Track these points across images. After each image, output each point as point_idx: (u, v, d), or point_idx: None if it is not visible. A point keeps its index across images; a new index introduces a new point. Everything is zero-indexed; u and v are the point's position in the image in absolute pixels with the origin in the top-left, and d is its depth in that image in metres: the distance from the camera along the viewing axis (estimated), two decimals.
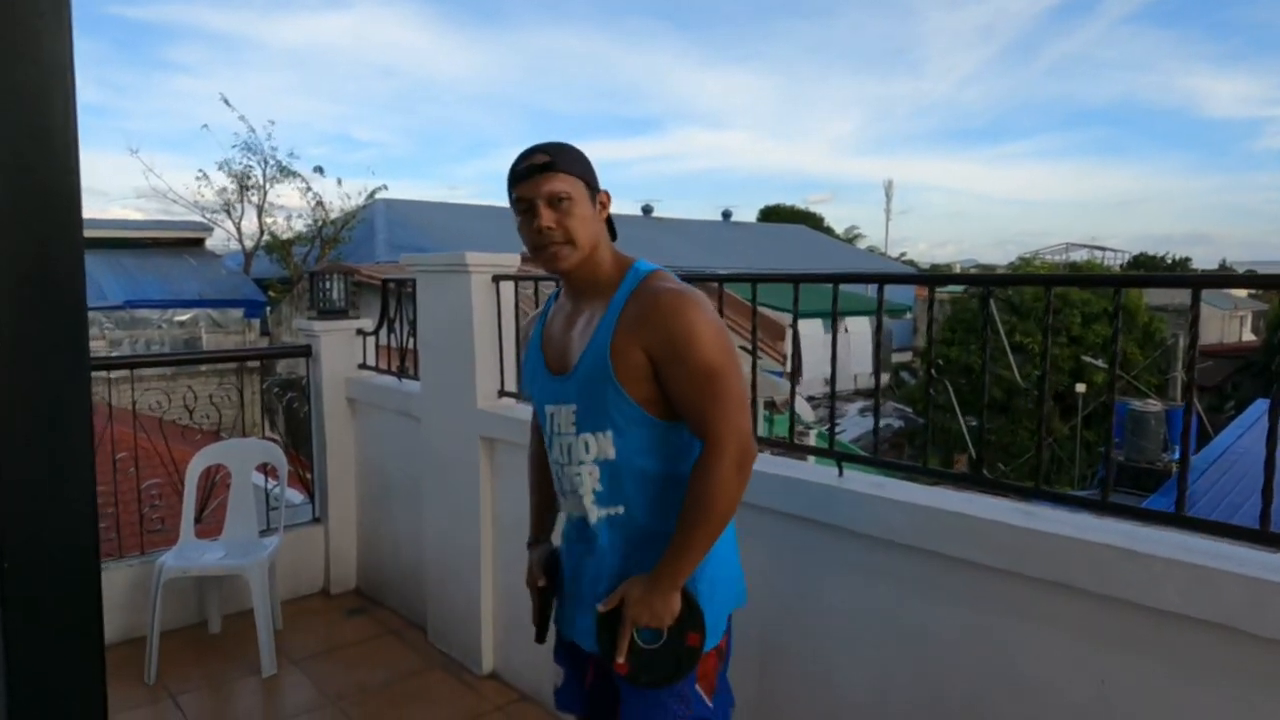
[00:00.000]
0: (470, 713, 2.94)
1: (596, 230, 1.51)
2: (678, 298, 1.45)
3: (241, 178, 16.07)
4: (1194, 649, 1.46)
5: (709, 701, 1.52)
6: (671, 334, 1.42)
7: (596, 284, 1.53)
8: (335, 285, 3.99)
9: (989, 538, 1.69)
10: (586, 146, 1.54)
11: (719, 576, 1.54)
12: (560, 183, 1.47)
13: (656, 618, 1.44)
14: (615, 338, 1.46)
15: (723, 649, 1.56)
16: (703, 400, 1.43)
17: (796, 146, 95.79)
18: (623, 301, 1.49)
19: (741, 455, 1.43)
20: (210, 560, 3.29)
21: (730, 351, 1.46)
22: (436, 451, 3.34)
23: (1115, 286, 1.63)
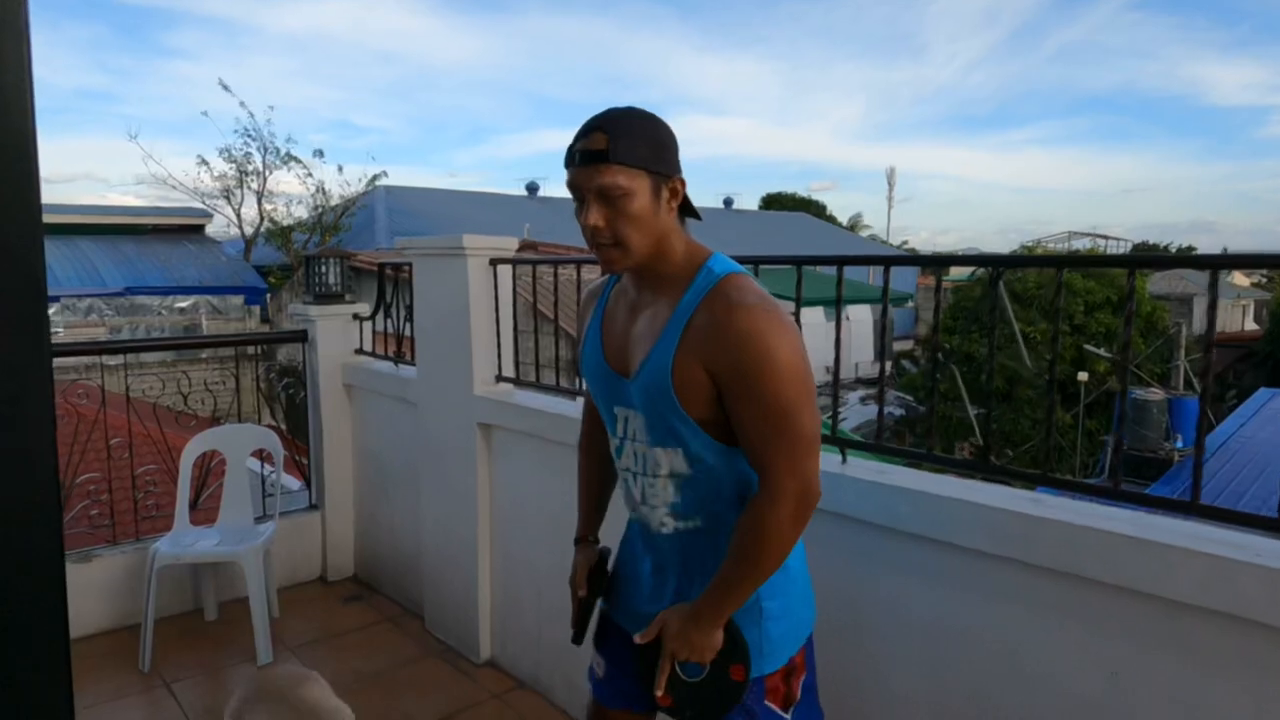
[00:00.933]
0: (467, 700, 2.91)
1: (658, 227, 1.32)
2: (755, 316, 1.26)
3: (241, 164, 15.99)
4: (1208, 640, 1.42)
5: (785, 715, 1.44)
6: (742, 361, 1.25)
7: (661, 279, 1.37)
8: (331, 269, 3.94)
9: (997, 526, 1.65)
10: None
11: (788, 591, 1.45)
12: (615, 176, 1.26)
13: (696, 653, 1.36)
14: (678, 353, 1.30)
15: (798, 663, 1.46)
16: (768, 440, 1.28)
17: (799, 133, 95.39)
18: (691, 308, 1.31)
19: (801, 505, 1.29)
20: (205, 547, 3.26)
21: (810, 385, 1.29)
22: (433, 438, 3.30)
23: (1129, 268, 1.58)
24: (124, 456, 3.57)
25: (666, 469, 1.41)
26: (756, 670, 1.41)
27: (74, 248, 14.46)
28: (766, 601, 1.41)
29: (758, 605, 1.41)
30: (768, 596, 1.41)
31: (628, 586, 1.59)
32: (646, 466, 1.44)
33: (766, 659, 1.41)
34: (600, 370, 1.47)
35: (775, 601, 1.43)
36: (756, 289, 1.33)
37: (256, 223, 16.68)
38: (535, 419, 2.78)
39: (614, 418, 1.46)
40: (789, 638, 1.45)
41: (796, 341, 1.29)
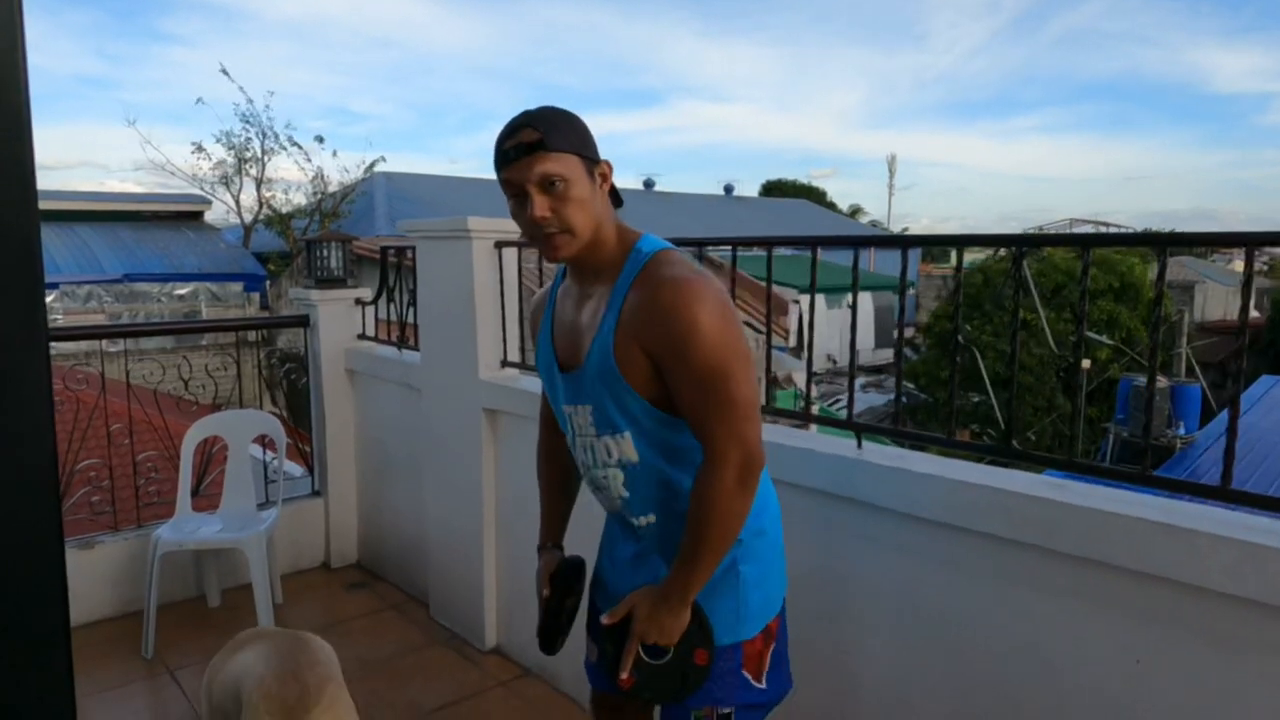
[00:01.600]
0: (473, 688, 2.89)
1: (596, 210, 1.35)
2: (678, 288, 1.28)
3: (240, 150, 15.88)
4: (1237, 628, 1.38)
5: (758, 683, 1.43)
6: (670, 331, 1.27)
7: (599, 267, 1.39)
8: (333, 253, 3.89)
9: (1018, 512, 1.61)
10: (588, 120, 1.38)
11: (765, 557, 1.45)
12: (552, 163, 1.29)
13: (666, 635, 1.37)
14: (618, 334, 1.34)
15: (772, 629, 1.46)
16: (704, 405, 1.29)
17: (800, 120, 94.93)
18: (624, 290, 1.35)
19: (745, 467, 1.29)
20: (207, 533, 3.23)
21: (739, 350, 1.30)
22: (438, 423, 3.26)
23: (1160, 245, 1.54)
24: (125, 443, 3.53)
25: (614, 458, 1.42)
26: (735, 637, 1.41)
27: (72, 234, 14.38)
28: (744, 566, 1.41)
29: (735, 571, 1.41)
30: (745, 561, 1.41)
31: (611, 571, 1.58)
32: (595, 458, 1.44)
33: (745, 625, 1.41)
34: (552, 369, 1.49)
35: (752, 567, 1.42)
36: (683, 261, 1.36)
37: (255, 210, 16.58)
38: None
39: (564, 416, 1.48)
40: (767, 604, 1.44)
41: (724, 309, 1.31)
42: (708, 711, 1.41)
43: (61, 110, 38.54)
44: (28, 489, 0.74)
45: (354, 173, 16.46)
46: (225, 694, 1.86)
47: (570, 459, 1.63)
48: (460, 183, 23.14)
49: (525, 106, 1.36)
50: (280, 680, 1.76)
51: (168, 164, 16.88)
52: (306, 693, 1.75)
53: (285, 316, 4.21)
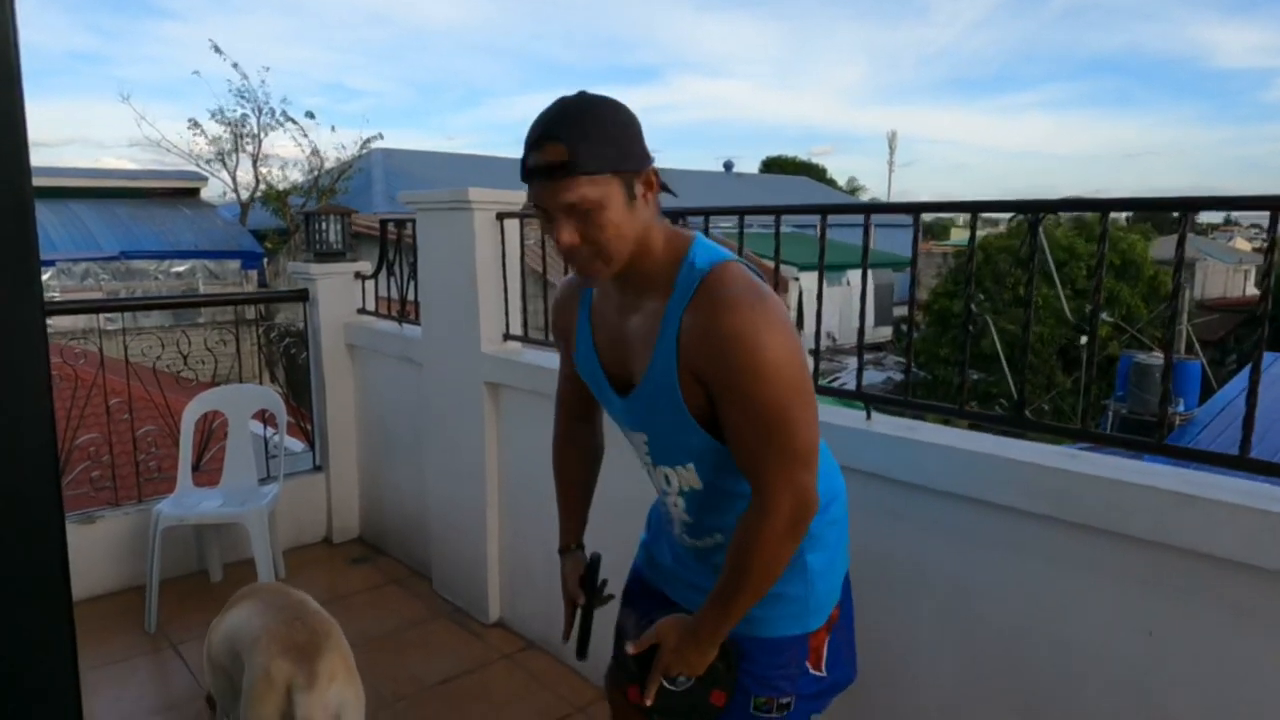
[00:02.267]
0: (477, 661, 2.89)
1: (637, 228, 1.19)
2: (742, 316, 1.14)
3: (236, 126, 15.72)
4: (1253, 598, 1.37)
5: (818, 672, 1.39)
6: (730, 365, 1.15)
7: (645, 277, 1.25)
8: (332, 227, 3.85)
9: (1031, 482, 1.59)
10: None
11: (833, 546, 1.40)
12: (582, 189, 1.12)
13: (691, 670, 1.31)
14: (680, 359, 1.21)
15: (834, 618, 1.41)
16: (762, 448, 1.18)
17: (800, 96, 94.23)
18: (680, 310, 1.20)
19: (796, 519, 1.20)
20: (208, 508, 3.21)
21: (804, 388, 1.19)
22: (439, 398, 3.24)
23: (1183, 210, 1.50)
24: (124, 418, 3.51)
25: (675, 487, 1.36)
26: (803, 628, 1.36)
27: (68, 211, 14.27)
28: (811, 555, 1.35)
29: (803, 561, 1.34)
30: (813, 550, 1.35)
31: (658, 543, 1.54)
32: (654, 482, 1.40)
33: (812, 616, 1.37)
34: (600, 382, 1.39)
35: (820, 555, 1.37)
36: (745, 279, 1.20)
37: (252, 187, 16.45)
38: (545, 378, 2.71)
39: (626, 434, 1.40)
40: (831, 593, 1.40)
41: (790, 340, 1.17)
42: (768, 700, 1.36)
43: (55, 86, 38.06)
44: (28, 464, 0.72)
45: (351, 150, 16.32)
46: (223, 650, 1.88)
47: (592, 444, 1.60)
48: (458, 159, 22.97)
49: (522, 82, 1.28)
50: (288, 625, 1.79)
51: (163, 140, 16.70)
52: (315, 634, 1.77)
53: (284, 291, 4.17)
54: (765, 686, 1.35)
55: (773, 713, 1.35)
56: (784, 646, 1.36)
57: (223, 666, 1.92)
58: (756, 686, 1.35)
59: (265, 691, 1.68)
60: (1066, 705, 1.61)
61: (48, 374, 0.76)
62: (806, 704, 1.39)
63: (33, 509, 0.72)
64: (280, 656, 1.71)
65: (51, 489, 0.74)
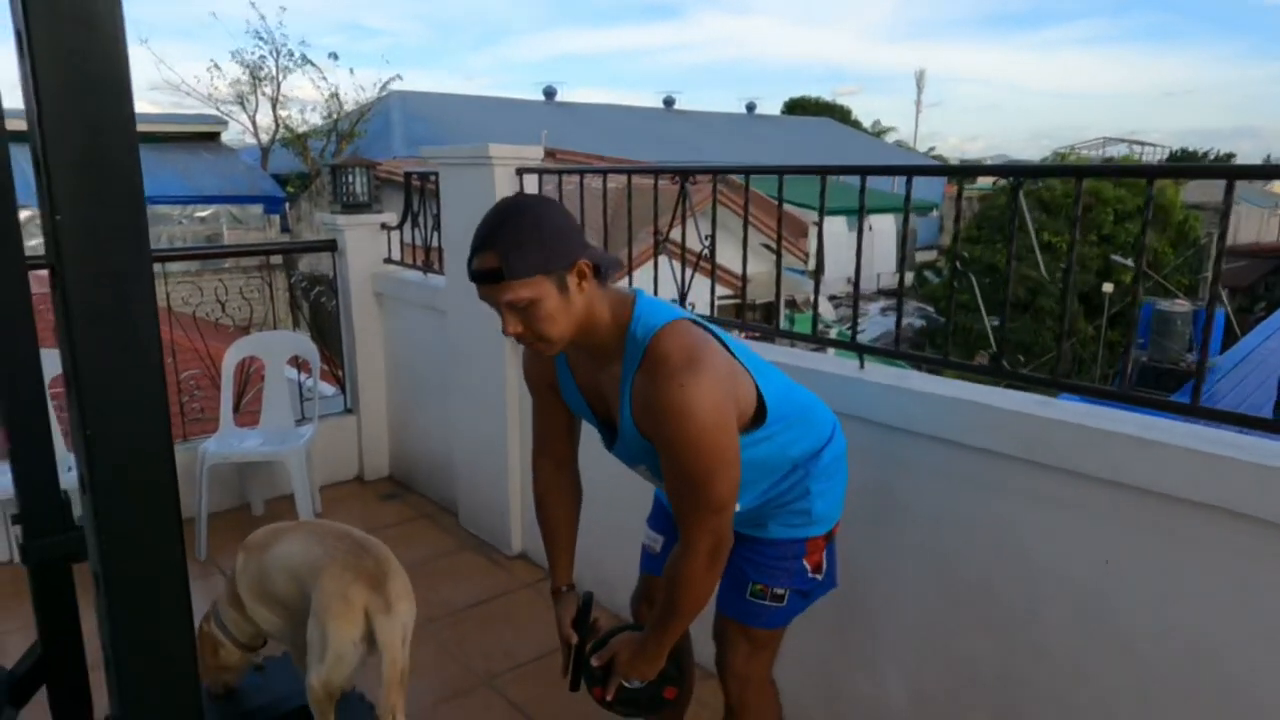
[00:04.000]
0: (501, 589, 3.12)
1: (575, 313, 1.36)
2: (672, 392, 1.31)
3: (255, 68, 15.72)
4: (1195, 531, 1.52)
5: (815, 575, 1.65)
6: (663, 434, 1.35)
7: (599, 348, 1.45)
8: (358, 179, 3.98)
9: (1006, 427, 1.74)
10: (602, 35, 1.38)
11: (834, 478, 1.63)
12: (515, 291, 1.30)
13: (641, 676, 1.57)
14: (639, 423, 1.41)
15: (833, 534, 1.67)
16: (684, 502, 1.40)
17: (825, 33, 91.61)
18: (631, 377, 1.40)
19: (712, 556, 1.41)
20: (250, 447, 3.44)
21: (723, 456, 1.36)
22: (462, 344, 3.41)
23: (1149, 177, 1.61)
24: (167, 361, 3.72)
25: None
26: (801, 534, 1.61)
27: None
28: (813, 483, 1.59)
29: (805, 487, 1.59)
30: (815, 479, 1.59)
31: (661, 522, 1.77)
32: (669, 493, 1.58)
33: (809, 527, 1.61)
34: (591, 420, 1.59)
35: (821, 484, 1.61)
36: (681, 345, 1.35)
37: (272, 130, 16.52)
38: None
39: (630, 467, 1.60)
40: (829, 513, 1.64)
41: (716, 407, 1.33)
42: (763, 589, 1.62)
43: None
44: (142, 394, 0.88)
45: (369, 92, 16.30)
46: (282, 580, 2.02)
47: (575, 487, 1.77)
48: (477, 102, 22.81)
49: (542, 19, 1.38)
50: (354, 554, 1.96)
51: (182, 84, 16.79)
52: (380, 561, 1.96)
53: (314, 241, 4.33)
54: (763, 575, 1.62)
55: (766, 600, 1.62)
56: (783, 546, 1.62)
57: (277, 597, 2.05)
58: (755, 574, 1.62)
59: (344, 612, 1.86)
60: (1031, 627, 1.78)
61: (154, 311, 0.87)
62: (797, 600, 1.65)
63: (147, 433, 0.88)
64: (355, 583, 1.88)
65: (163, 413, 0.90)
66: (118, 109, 0.83)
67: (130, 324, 0.86)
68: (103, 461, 0.86)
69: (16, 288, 1.54)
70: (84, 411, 0.85)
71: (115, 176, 0.84)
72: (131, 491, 0.88)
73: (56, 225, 0.81)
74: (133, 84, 0.84)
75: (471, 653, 2.70)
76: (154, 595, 0.87)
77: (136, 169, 0.85)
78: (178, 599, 0.88)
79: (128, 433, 0.87)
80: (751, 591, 1.63)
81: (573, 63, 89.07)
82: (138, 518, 0.88)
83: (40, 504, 1.60)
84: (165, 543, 0.87)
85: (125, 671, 0.87)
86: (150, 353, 0.88)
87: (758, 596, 1.62)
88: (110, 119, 0.83)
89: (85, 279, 0.83)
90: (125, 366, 0.86)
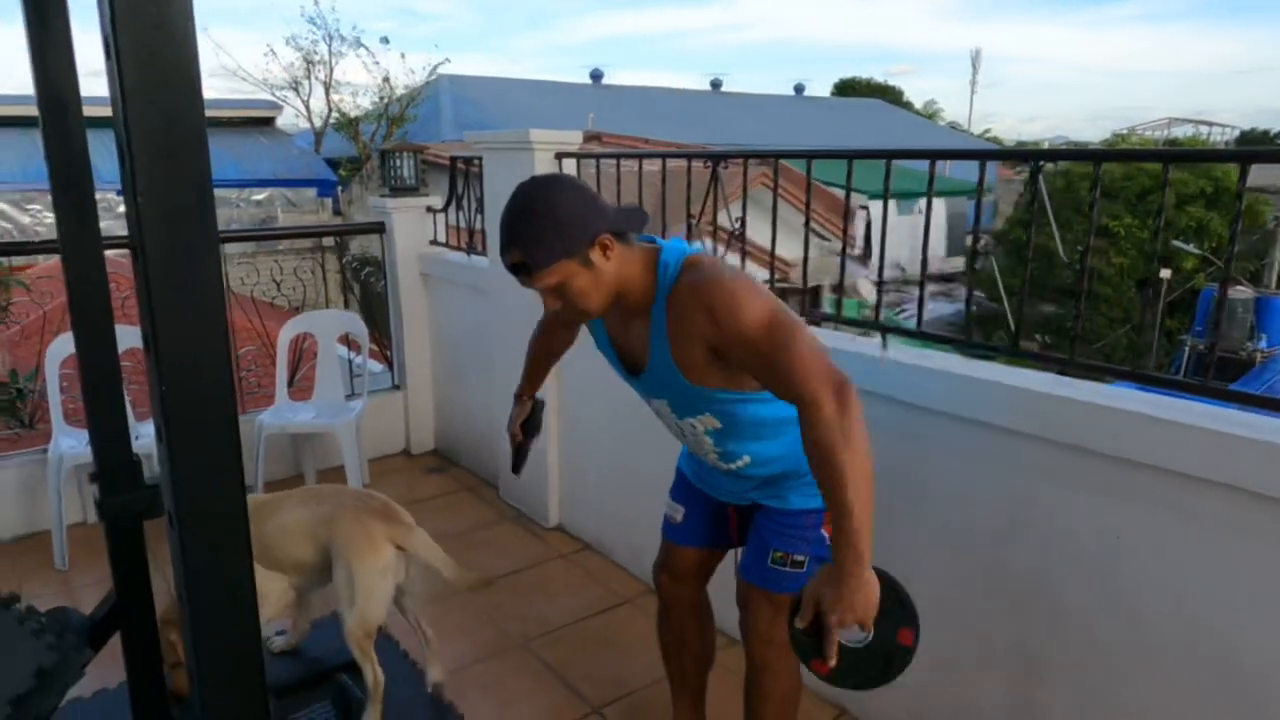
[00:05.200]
0: (538, 558, 3.25)
1: (606, 280, 1.45)
2: (707, 286, 1.41)
3: (308, 53, 16.08)
4: (1204, 508, 1.56)
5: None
6: (716, 319, 1.39)
7: (633, 300, 1.52)
8: (405, 163, 4.12)
9: (1020, 404, 1.79)
10: (649, 17, 1.44)
11: None
12: (544, 279, 1.42)
13: (862, 611, 1.29)
14: (672, 346, 1.48)
15: None
16: (781, 376, 1.35)
17: (878, 13, 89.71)
18: (663, 310, 1.47)
19: (839, 395, 1.31)
20: (304, 419, 3.62)
21: (786, 321, 1.39)
22: (504, 323, 3.53)
23: (1164, 161, 1.64)
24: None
25: (700, 429, 1.64)
26: (818, 504, 1.60)
27: None
28: None
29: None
30: None
31: (705, 469, 1.81)
32: (683, 433, 1.68)
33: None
34: (619, 368, 1.68)
35: None
36: (711, 262, 1.48)
37: (325, 114, 16.90)
38: None
39: (647, 401, 1.68)
40: None
41: (756, 290, 1.41)
42: (783, 556, 1.68)
43: None
44: (209, 359, 1.00)
45: (419, 75, 16.55)
46: (299, 541, 2.15)
47: (567, 339, 2.02)
48: (524, 85, 22.96)
49: (590, 4, 1.48)
50: (359, 499, 2.16)
51: (239, 69, 17.26)
52: (385, 501, 2.14)
53: (364, 223, 4.50)
54: (784, 543, 1.69)
55: (786, 567, 1.69)
56: (802, 516, 1.68)
57: (290, 562, 2.17)
58: (776, 542, 1.69)
59: (369, 547, 2.04)
60: (1045, 601, 1.83)
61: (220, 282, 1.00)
62: (817, 566, 1.67)
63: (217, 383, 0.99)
64: (371, 520, 2.07)
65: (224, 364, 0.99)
66: (190, 104, 0.94)
67: (200, 292, 0.98)
68: (175, 415, 0.98)
69: (97, 268, 1.69)
70: (161, 370, 0.97)
71: (187, 163, 0.96)
72: (199, 439, 1.00)
73: (139, 206, 0.92)
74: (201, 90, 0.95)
75: (508, 617, 2.83)
76: (219, 529, 0.99)
77: (206, 156, 0.96)
78: (239, 530, 1.00)
79: (197, 387, 0.99)
80: (773, 559, 1.70)
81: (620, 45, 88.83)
82: (204, 461, 1.00)
83: (115, 464, 1.75)
84: (229, 480, 0.99)
85: (195, 598, 0.99)
86: (216, 318, 0.99)
87: (778, 564, 1.69)
88: (183, 113, 0.94)
89: (162, 252, 0.95)
90: (195, 330, 0.98)
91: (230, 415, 0.98)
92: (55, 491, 3.10)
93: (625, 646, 2.64)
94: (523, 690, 2.47)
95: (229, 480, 0.98)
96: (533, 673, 2.55)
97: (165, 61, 0.90)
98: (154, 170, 0.92)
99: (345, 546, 2.05)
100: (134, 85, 0.90)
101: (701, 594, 2.00)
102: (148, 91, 0.91)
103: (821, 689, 2.27)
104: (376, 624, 2.08)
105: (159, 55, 0.90)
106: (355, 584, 2.04)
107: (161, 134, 0.93)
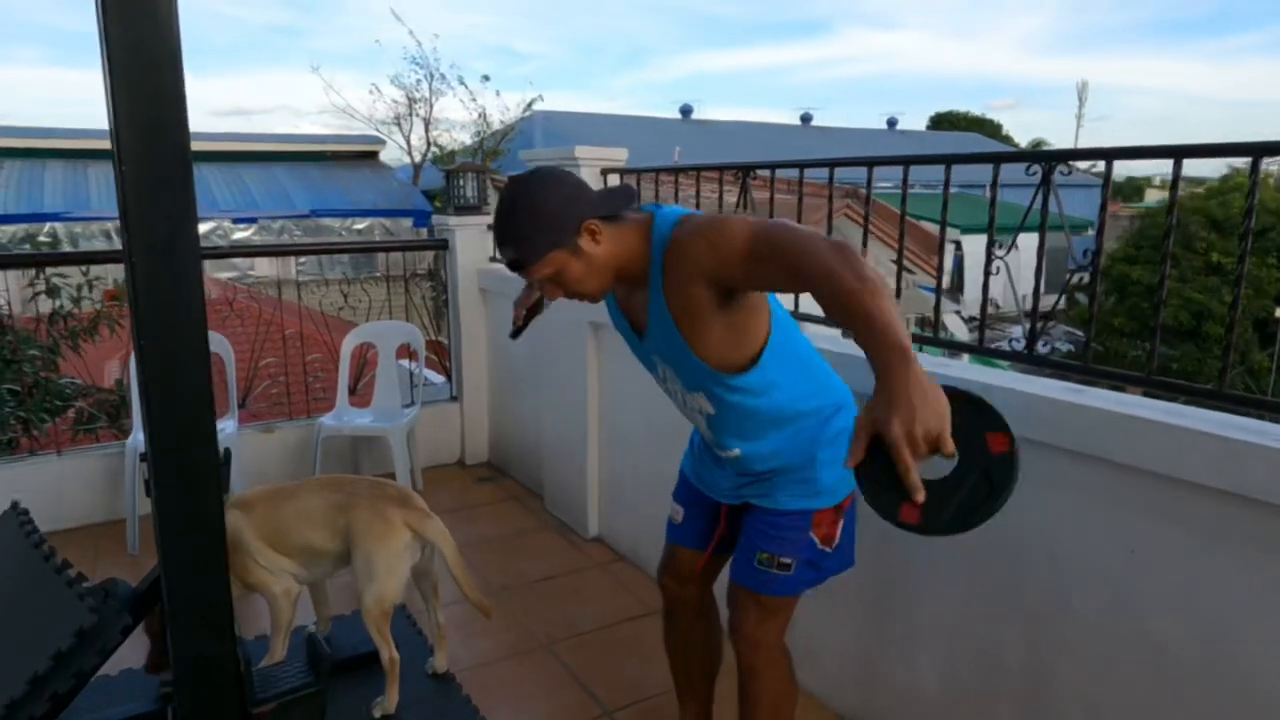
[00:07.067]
0: (574, 566, 3.28)
1: (600, 263, 1.48)
2: (696, 227, 1.43)
3: (411, 91, 16.95)
4: (1217, 519, 1.47)
5: (825, 548, 1.67)
6: (712, 245, 1.39)
7: (633, 273, 1.53)
8: (469, 183, 4.30)
9: (1034, 412, 1.72)
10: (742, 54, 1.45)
11: (842, 446, 1.61)
12: (538, 271, 1.47)
13: (935, 421, 1.06)
14: (671, 305, 1.48)
15: (843, 507, 1.67)
16: (777, 259, 1.32)
17: (978, 46, 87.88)
18: (659, 269, 1.48)
19: (841, 256, 1.24)
20: (360, 423, 3.79)
21: (783, 225, 1.37)
22: (552, 337, 3.62)
23: (1175, 157, 1.57)
24: (296, 346, 4.16)
25: (699, 409, 1.65)
26: (807, 506, 1.63)
27: (269, 174, 16.02)
28: (820, 451, 1.62)
29: (812, 455, 1.62)
30: (822, 448, 1.62)
31: (704, 467, 1.84)
32: (688, 407, 1.68)
33: (817, 498, 1.64)
34: (630, 335, 1.69)
35: (829, 451, 1.63)
36: (695, 213, 1.49)
37: (424, 149, 17.72)
38: None
39: (653, 364, 1.68)
40: (840, 484, 1.65)
41: (747, 219, 1.40)
42: (770, 557, 1.66)
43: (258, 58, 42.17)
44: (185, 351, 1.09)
45: (514, 112, 17.20)
46: (316, 529, 2.21)
47: None
48: (614, 120, 23.52)
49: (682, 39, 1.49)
50: (375, 486, 2.24)
51: (348, 107, 18.33)
52: (399, 488, 2.24)
53: (428, 240, 4.71)
54: (770, 544, 1.66)
55: (773, 569, 1.66)
56: (790, 516, 1.65)
57: (303, 546, 2.22)
58: (763, 543, 1.67)
59: (386, 530, 2.13)
60: (1058, 615, 1.75)
61: (201, 294, 1.12)
62: (805, 571, 1.67)
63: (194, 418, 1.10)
64: (387, 505, 2.15)
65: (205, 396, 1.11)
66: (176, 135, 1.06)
67: (175, 270, 1.07)
68: (151, 366, 1.07)
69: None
70: (140, 326, 1.06)
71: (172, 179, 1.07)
72: (176, 391, 1.09)
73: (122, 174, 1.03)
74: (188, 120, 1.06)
75: (535, 619, 2.87)
76: (189, 466, 1.08)
77: (189, 178, 1.08)
78: (211, 468, 1.09)
79: (174, 341, 1.08)
80: (759, 560, 1.67)
81: (712, 81, 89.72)
82: (179, 409, 1.09)
83: None
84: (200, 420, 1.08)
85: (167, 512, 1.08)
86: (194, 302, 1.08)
87: (765, 565, 1.67)
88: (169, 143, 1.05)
89: (144, 228, 1.05)
90: (171, 298, 1.08)
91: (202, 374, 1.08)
92: (130, 481, 3.34)
93: (647, 654, 2.63)
94: (539, 689, 2.49)
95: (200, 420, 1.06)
96: (552, 673, 2.57)
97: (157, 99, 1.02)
98: (142, 185, 1.02)
99: (362, 530, 2.14)
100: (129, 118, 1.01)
101: (706, 596, 1.99)
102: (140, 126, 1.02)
103: (821, 689, 2.22)
104: (393, 602, 2.15)
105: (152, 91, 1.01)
106: (373, 564, 2.12)
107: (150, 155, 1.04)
